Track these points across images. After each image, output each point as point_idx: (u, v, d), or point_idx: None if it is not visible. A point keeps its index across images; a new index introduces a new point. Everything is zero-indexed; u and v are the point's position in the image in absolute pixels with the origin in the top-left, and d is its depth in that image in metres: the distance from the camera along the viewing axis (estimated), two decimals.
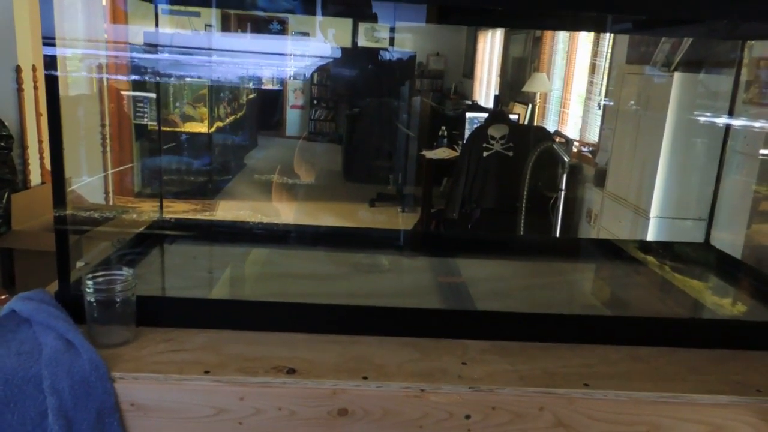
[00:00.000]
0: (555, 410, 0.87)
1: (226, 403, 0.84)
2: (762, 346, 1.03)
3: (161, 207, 1.52)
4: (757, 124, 2.57)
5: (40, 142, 3.62)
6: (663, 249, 1.52)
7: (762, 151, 2.57)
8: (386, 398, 0.86)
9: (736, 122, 2.23)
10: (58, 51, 0.91)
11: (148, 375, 0.84)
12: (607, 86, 4.18)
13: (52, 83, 0.91)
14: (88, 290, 0.89)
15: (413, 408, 0.86)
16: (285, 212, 4.54)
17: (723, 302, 1.25)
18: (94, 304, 0.89)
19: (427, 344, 0.98)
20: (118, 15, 4.39)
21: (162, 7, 1.32)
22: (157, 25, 1.53)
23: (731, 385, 0.92)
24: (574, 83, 4.95)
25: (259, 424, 0.85)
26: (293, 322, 0.99)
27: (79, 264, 1.16)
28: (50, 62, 0.90)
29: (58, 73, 0.91)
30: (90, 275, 0.91)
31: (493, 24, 4.65)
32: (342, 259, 1.42)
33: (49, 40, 0.89)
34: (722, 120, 1.64)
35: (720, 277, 1.39)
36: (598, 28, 2.81)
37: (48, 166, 3.71)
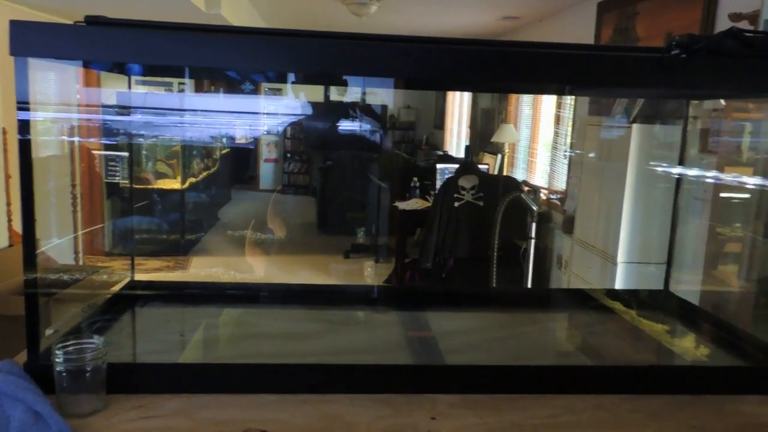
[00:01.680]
0: None
1: None
2: (718, 390, 1.07)
3: (132, 267, 1.52)
4: (709, 174, 2.69)
5: (8, 204, 3.60)
6: (626, 296, 1.57)
7: (722, 196, 2.69)
8: None
9: (689, 172, 2.34)
10: (31, 115, 0.94)
11: None
12: (572, 137, 4.34)
13: (25, 148, 0.93)
14: (57, 360, 0.90)
15: None
16: (259, 267, 4.54)
17: (682, 348, 1.29)
18: (64, 373, 0.90)
19: (397, 400, 1.00)
20: (91, 79, 4.45)
21: (135, 78, 1.37)
22: (129, 87, 1.58)
23: (689, 431, 0.95)
24: (541, 133, 5.12)
25: None
26: (265, 383, 1.00)
27: (48, 332, 1.16)
28: (24, 127, 0.92)
29: (31, 137, 0.94)
30: (60, 344, 0.91)
31: (456, 89, 4.85)
32: (314, 316, 1.44)
33: (23, 105, 0.92)
34: (676, 170, 1.73)
35: (678, 323, 1.44)
36: (557, 92, 2.94)
37: (16, 228, 3.68)
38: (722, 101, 2.54)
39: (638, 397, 1.05)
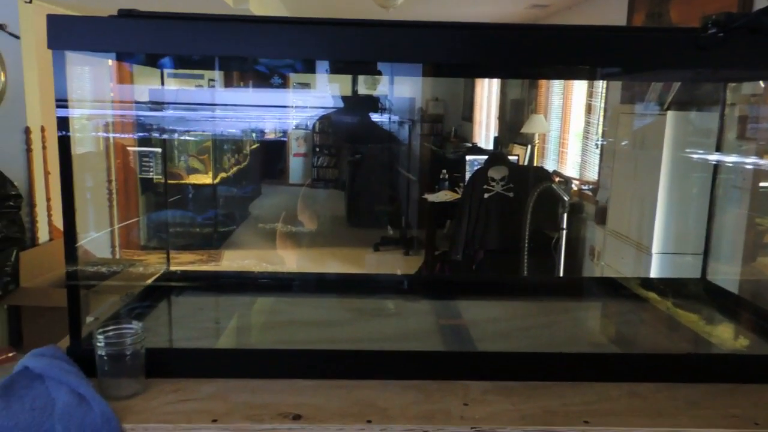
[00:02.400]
0: None
1: None
2: (758, 379, 1.05)
3: (168, 259, 1.56)
4: (748, 160, 2.62)
5: (48, 200, 3.70)
6: (661, 285, 1.54)
7: (762, 184, 2.61)
8: None
9: (727, 159, 2.28)
10: (70, 112, 0.96)
11: (158, 425, 0.87)
12: (603, 126, 4.27)
13: (64, 144, 0.96)
14: (98, 345, 0.92)
15: None
16: (290, 260, 4.59)
17: (719, 336, 1.26)
18: (105, 357, 0.92)
19: (429, 386, 1.00)
20: (124, 75, 4.54)
21: (167, 71, 1.40)
22: (162, 81, 1.61)
23: (729, 420, 0.93)
24: (572, 123, 5.05)
25: None
26: (298, 368, 1.01)
27: (89, 319, 1.19)
28: (63, 123, 0.95)
29: (70, 133, 0.97)
30: (101, 330, 0.94)
31: (485, 75, 4.80)
32: (346, 305, 1.45)
33: (61, 102, 0.94)
34: (713, 157, 1.69)
35: (716, 312, 1.41)
36: (588, 77, 2.90)
37: (56, 223, 3.79)
38: (762, 83, 2.47)
39: (675, 386, 1.03)
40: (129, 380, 0.94)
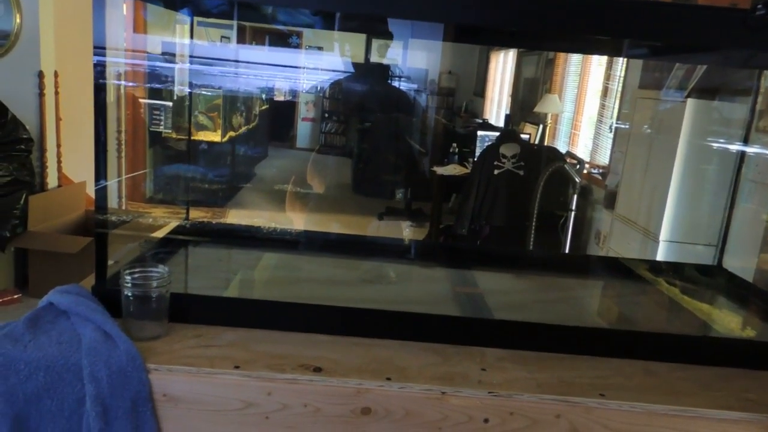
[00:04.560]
0: (571, 418, 0.90)
1: (254, 397, 0.88)
2: None
3: (188, 212, 1.56)
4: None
5: (58, 146, 3.69)
6: (677, 269, 1.55)
7: None
8: (408, 399, 0.89)
9: (750, 150, 2.27)
10: (101, 59, 0.95)
11: (181, 368, 0.88)
12: (620, 110, 4.23)
13: (99, 91, 0.95)
14: (126, 285, 0.93)
15: (434, 410, 0.89)
16: (295, 222, 4.59)
17: (735, 322, 1.27)
18: (131, 298, 0.93)
19: (446, 350, 1.01)
20: (139, 24, 4.48)
21: (198, 20, 1.37)
22: (191, 36, 1.59)
23: (743, 402, 0.94)
24: (586, 106, 5.00)
25: (285, 419, 0.88)
26: (318, 323, 1.02)
27: (110, 262, 1.20)
28: (99, 71, 0.94)
29: (105, 81, 0.96)
30: (128, 270, 0.94)
31: (508, 44, 4.73)
32: (361, 267, 1.45)
33: (99, 50, 0.93)
34: (735, 147, 1.68)
35: (733, 299, 1.42)
36: (614, 52, 2.86)
37: (65, 170, 3.78)
38: None
39: (688, 367, 1.04)
40: (153, 323, 0.95)
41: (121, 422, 0.83)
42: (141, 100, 5.13)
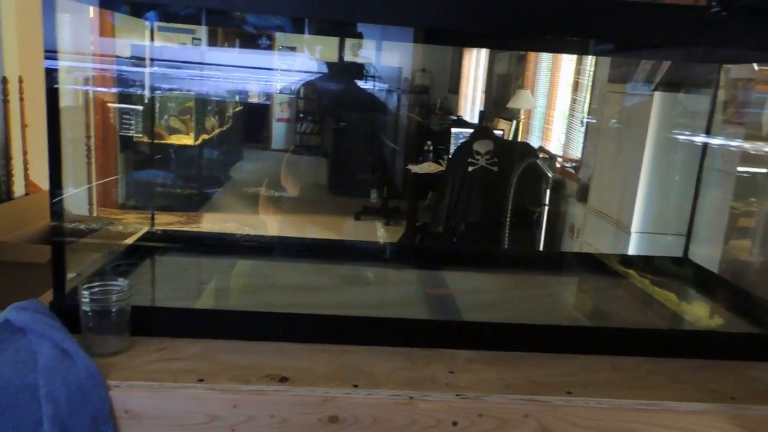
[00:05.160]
0: (539, 417, 0.90)
1: (220, 410, 0.86)
2: (736, 356, 1.07)
3: (152, 218, 1.53)
4: (734, 143, 2.65)
5: (24, 153, 3.61)
6: (643, 263, 1.57)
7: (739, 168, 2.65)
8: (376, 405, 0.88)
9: (714, 141, 2.31)
10: (56, 63, 0.93)
11: (143, 383, 0.86)
12: (590, 104, 4.27)
13: (52, 96, 0.92)
14: (84, 300, 0.91)
15: (402, 415, 0.88)
16: (270, 225, 4.56)
17: (700, 314, 1.29)
18: (90, 313, 0.91)
19: (415, 353, 1.01)
20: (106, 28, 4.40)
21: (158, 24, 1.35)
22: (152, 40, 1.56)
23: (707, 394, 0.96)
24: (558, 100, 5.04)
25: (251, 431, 0.87)
26: (285, 331, 1.01)
27: (70, 275, 1.17)
28: (51, 75, 0.92)
29: (58, 86, 0.93)
30: (86, 285, 0.92)
31: (478, 45, 4.75)
32: (330, 271, 1.44)
33: (50, 54, 0.91)
34: (700, 138, 1.70)
35: (697, 290, 1.44)
36: (580, 51, 2.88)
37: (32, 178, 3.69)
38: (756, 66, 2.48)
39: (656, 360, 1.05)
40: (113, 337, 0.93)
41: None
42: (110, 105, 5.04)
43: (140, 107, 5.14)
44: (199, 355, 0.95)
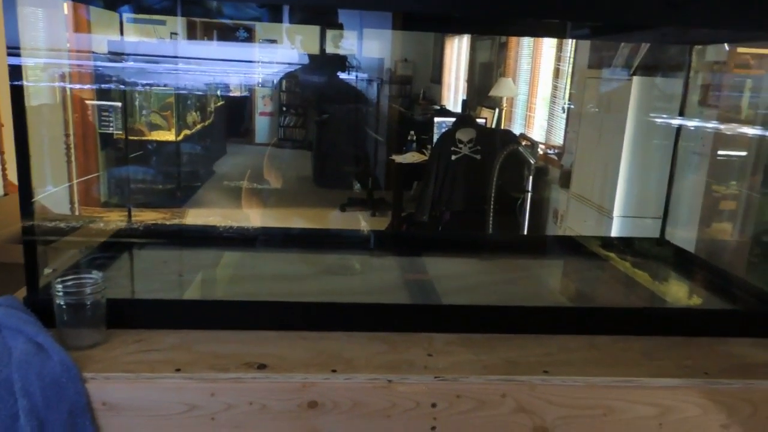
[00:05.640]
0: (516, 396, 0.91)
1: (198, 399, 0.86)
2: (710, 332, 1.09)
3: (129, 213, 1.52)
4: (710, 126, 2.68)
5: (1, 153, 3.56)
6: (621, 244, 1.58)
7: (719, 152, 2.68)
8: (354, 390, 0.89)
9: (689, 123, 2.33)
10: (22, 61, 0.92)
11: (120, 375, 0.86)
12: (571, 90, 4.29)
13: (18, 94, 0.91)
14: (57, 293, 0.90)
15: (381, 398, 0.89)
16: (255, 218, 4.55)
17: (674, 292, 1.31)
18: (64, 307, 0.90)
19: (394, 338, 1.01)
20: (81, 24, 4.34)
21: (127, 15, 1.34)
22: (121, 33, 1.54)
23: (681, 369, 0.97)
24: (540, 87, 5.06)
25: (231, 418, 0.87)
26: (263, 319, 1.01)
27: (47, 271, 1.16)
28: (15, 72, 0.91)
29: (23, 83, 0.92)
30: (59, 279, 0.91)
31: (456, 31, 4.75)
32: (312, 260, 1.44)
33: (13, 50, 0.90)
34: (677, 121, 1.72)
35: (673, 270, 1.46)
36: (558, 34, 2.89)
37: (11, 177, 3.65)
38: (726, 47, 2.50)
39: (631, 338, 1.07)
40: (89, 330, 0.93)
41: None
42: (88, 102, 4.98)
43: (119, 104, 5.08)
44: (177, 345, 0.95)
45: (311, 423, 0.89)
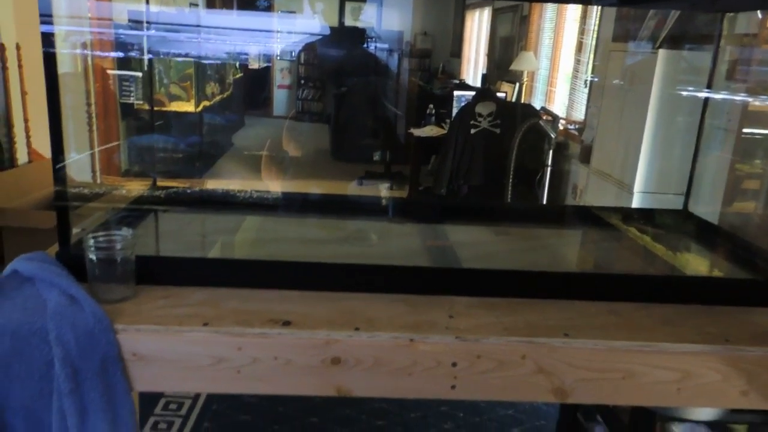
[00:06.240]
0: (536, 358, 0.92)
1: (225, 352, 0.89)
2: (731, 301, 1.09)
3: (154, 182, 1.54)
4: (738, 99, 2.62)
5: (26, 120, 3.60)
6: (644, 215, 1.58)
7: (745, 130, 2.63)
8: (377, 347, 0.90)
9: (716, 96, 2.28)
10: (49, 28, 0.92)
11: (150, 327, 0.88)
12: (593, 64, 4.22)
13: (50, 61, 0.92)
14: (89, 248, 0.92)
15: (403, 356, 0.91)
16: (273, 189, 4.59)
17: (697, 262, 1.30)
18: (96, 261, 0.93)
19: (416, 300, 1.03)
20: None
21: None
22: (147, 2, 1.54)
23: (702, 336, 0.97)
24: (561, 62, 4.98)
25: (256, 372, 0.89)
26: (288, 279, 1.03)
27: (76, 230, 1.19)
28: (48, 39, 0.92)
29: (55, 50, 0.93)
30: (91, 235, 0.94)
31: None
32: (334, 225, 1.46)
33: (45, 18, 0.90)
34: (702, 95, 1.69)
35: (696, 240, 1.45)
36: (587, 0, 2.83)
37: (35, 146, 3.70)
38: (759, 14, 2.44)
39: (652, 305, 1.07)
40: (119, 285, 0.95)
41: (92, 382, 0.84)
42: (109, 72, 5.01)
43: (140, 74, 5.11)
44: (204, 301, 0.97)
45: (334, 378, 0.91)
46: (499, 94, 5.24)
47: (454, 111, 4.93)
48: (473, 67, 7.71)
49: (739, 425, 1.20)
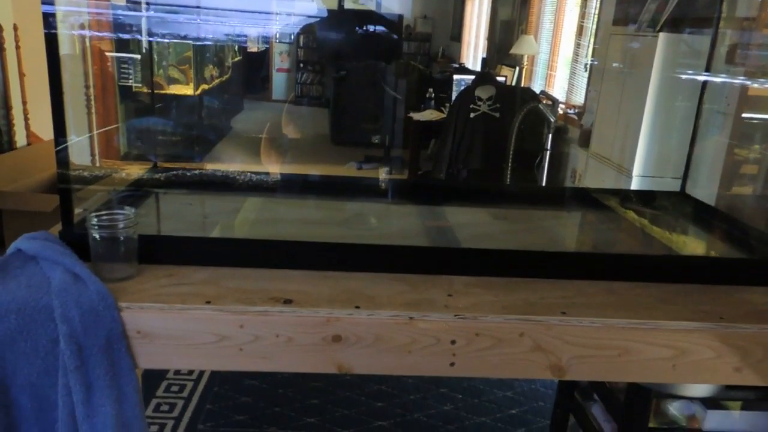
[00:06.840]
0: (534, 335, 0.94)
1: (227, 330, 0.90)
2: (726, 280, 1.10)
3: (155, 165, 1.55)
4: (737, 83, 2.62)
5: (24, 103, 3.60)
6: (642, 197, 1.59)
7: (743, 114, 2.63)
8: (377, 325, 0.92)
9: (715, 80, 2.28)
10: (50, 8, 0.93)
11: (153, 305, 0.89)
12: (594, 48, 4.21)
13: (51, 42, 0.93)
14: (93, 227, 0.93)
15: (402, 334, 0.92)
16: (273, 173, 4.59)
17: (694, 242, 1.32)
18: (99, 240, 0.94)
19: (415, 279, 1.04)
20: None
21: None
22: None
23: (697, 314, 0.99)
24: (562, 46, 4.96)
25: (258, 349, 0.91)
26: (289, 259, 1.04)
27: (77, 211, 1.20)
28: (48, 20, 0.92)
29: (57, 30, 0.93)
30: (94, 214, 0.95)
31: None
32: (334, 206, 1.47)
33: None
34: (702, 79, 1.69)
35: (693, 222, 1.46)
36: None
37: (33, 128, 3.69)
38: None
39: (649, 285, 1.09)
40: (122, 264, 0.96)
41: (97, 359, 0.85)
42: (107, 54, 4.98)
43: (138, 56, 5.08)
44: (206, 280, 0.98)
45: (335, 356, 0.92)
46: (498, 78, 5.23)
47: (454, 95, 4.92)
48: (473, 51, 7.67)
49: (733, 402, 1.22)
